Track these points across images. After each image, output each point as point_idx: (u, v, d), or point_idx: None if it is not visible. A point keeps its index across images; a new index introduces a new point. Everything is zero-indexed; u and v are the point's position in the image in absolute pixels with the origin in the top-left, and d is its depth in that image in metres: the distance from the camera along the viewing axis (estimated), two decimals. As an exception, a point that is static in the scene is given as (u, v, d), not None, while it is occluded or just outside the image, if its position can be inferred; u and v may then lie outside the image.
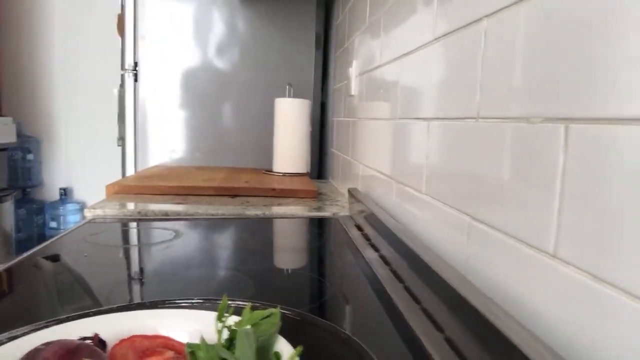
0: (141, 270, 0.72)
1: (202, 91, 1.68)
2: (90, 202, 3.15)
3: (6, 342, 0.34)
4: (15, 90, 2.99)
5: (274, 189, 1.27)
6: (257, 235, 0.98)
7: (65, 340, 0.31)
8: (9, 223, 2.74)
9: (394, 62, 0.87)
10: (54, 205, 3.07)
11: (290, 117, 1.50)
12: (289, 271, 0.79)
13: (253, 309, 0.35)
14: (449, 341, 0.47)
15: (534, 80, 0.42)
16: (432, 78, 0.67)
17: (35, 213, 3.05)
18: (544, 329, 0.39)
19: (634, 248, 0.30)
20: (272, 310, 0.35)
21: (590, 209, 0.35)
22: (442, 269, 0.54)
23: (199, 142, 1.71)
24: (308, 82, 1.71)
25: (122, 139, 1.62)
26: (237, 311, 0.37)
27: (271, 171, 1.56)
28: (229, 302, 0.43)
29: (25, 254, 0.75)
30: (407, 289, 0.63)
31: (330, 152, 1.67)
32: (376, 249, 0.82)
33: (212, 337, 0.34)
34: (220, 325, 0.34)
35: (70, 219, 3.08)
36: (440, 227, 0.63)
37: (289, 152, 1.52)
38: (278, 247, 0.91)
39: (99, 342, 0.34)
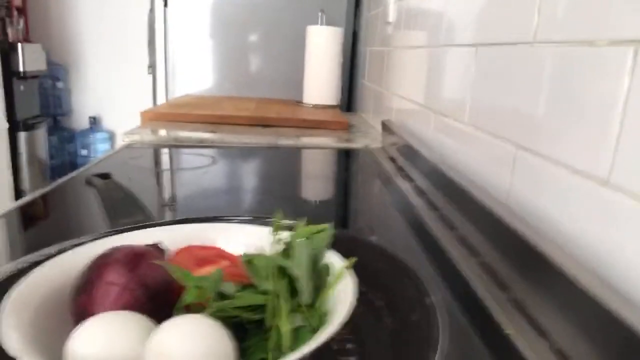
0: (184, 191, 0.75)
1: (231, 18, 1.64)
2: (119, 130, 3.20)
3: (70, 248, 0.37)
4: (43, 16, 2.97)
5: (305, 120, 1.26)
6: (291, 164, 0.99)
7: (132, 245, 0.33)
8: (43, 150, 2.83)
9: (439, -15, 0.83)
10: (84, 133, 3.14)
11: (323, 47, 1.46)
12: (326, 198, 0.80)
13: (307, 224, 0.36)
14: (484, 265, 0.48)
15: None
16: (484, 1, 0.64)
17: (67, 141, 3.13)
18: (588, 255, 0.39)
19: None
20: (324, 225, 0.36)
21: (653, 134, 0.34)
22: (480, 195, 0.54)
23: (228, 72, 1.69)
24: (340, 9, 1.65)
25: (152, 67, 1.62)
26: (285, 229, 0.38)
27: (301, 102, 1.55)
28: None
29: (72, 174, 0.78)
30: (442, 217, 0.64)
31: (361, 83, 1.64)
32: (410, 179, 0.83)
33: (266, 250, 0.36)
34: (275, 238, 0.35)
35: (100, 147, 3.16)
36: (482, 158, 0.63)
37: (320, 83, 1.49)
38: (313, 176, 0.93)
39: (159, 250, 0.36)
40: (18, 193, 2.58)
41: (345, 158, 1.05)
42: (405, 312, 0.32)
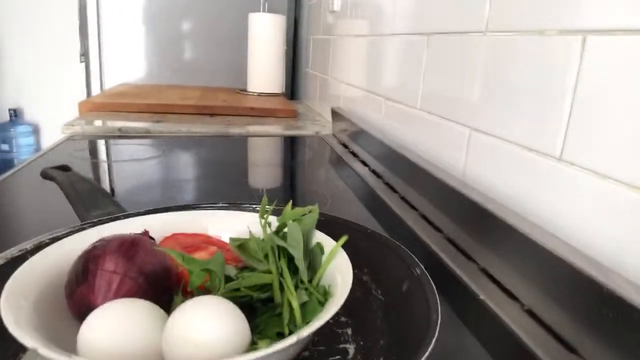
0: (139, 182, 0.73)
1: (170, 3, 1.58)
2: (43, 123, 3.00)
3: (49, 242, 0.35)
4: (-53, -2, 2.69)
5: (252, 108, 1.26)
6: (243, 153, 0.99)
7: (121, 234, 0.33)
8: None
9: (387, -25, 0.86)
10: (4, 127, 2.90)
11: (266, 34, 1.45)
12: (284, 184, 0.81)
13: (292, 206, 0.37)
14: (449, 239, 0.52)
15: (550, -8, 0.44)
16: (433, -8, 0.67)
17: (-16, 135, 2.88)
18: (549, 226, 0.44)
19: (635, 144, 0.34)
20: (312, 207, 0.37)
21: (596, 115, 0.38)
22: (437, 173, 0.57)
23: (167, 60, 1.63)
24: (282, -3, 1.64)
25: (85, 55, 1.53)
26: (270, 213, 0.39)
27: (245, 90, 1.53)
28: (253, 205, 0.46)
29: (16, 168, 0.73)
30: (403, 198, 0.67)
31: (305, 72, 1.65)
32: (365, 164, 0.86)
33: (250, 234, 0.37)
34: (263, 221, 0.36)
35: (23, 141, 2.94)
36: (436, 141, 0.67)
37: (264, 71, 1.49)
38: (267, 164, 0.93)
39: (150, 238, 0.36)
40: None
41: (297, 145, 1.06)
42: (396, 284, 0.34)
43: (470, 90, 0.57)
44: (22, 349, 0.29)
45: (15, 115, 2.89)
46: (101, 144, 0.95)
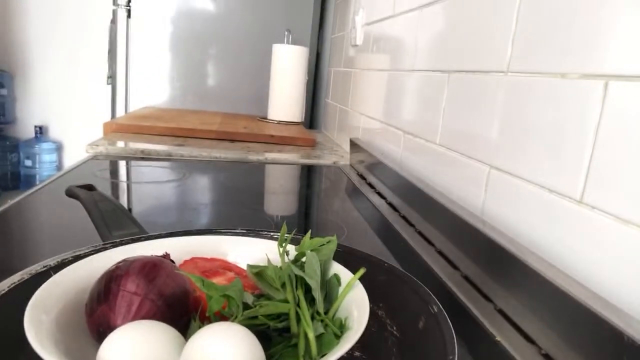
0: (159, 205, 0.74)
1: (196, 33, 1.63)
2: (66, 141, 3.07)
3: (72, 260, 0.36)
4: (-14, 19, 2.82)
5: (272, 136, 1.27)
6: (262, 179, 1.00)
7: (144, 256, 0.33)
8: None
9: (411, 12, 0.88)
10: (29, 143, 2.98)
11: (288, 64, 1.49)
12: (300, 211, 0.82)
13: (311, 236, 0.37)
14: (466, 278, 0.51)
15: (570, 33, 0.45)
16: (456, 30, 0.69)
17: (9, 150, 2.96)
18: (567, 267, 0.43)
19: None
20: (331, 237, 0.37)
21: (619, 159, 0.38)
22: (455, 209, 0.57)
23: (191, 85, 1.68)
24: (305, 30, 1.68)
25: (112, 77, 1.58)
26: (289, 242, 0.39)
27: (265, 118, 1.56)
28: (271, 233, 0.46)
29: (41, 184, 0.75)
30: (419, 233, 0.67)
31: (325, 102, 1.68)
32: (382, 196, 0.86)
33: (267, 262, 0.37)
34: (282, 249, 0.37)
35: (46, 157, 3.01)
36: (455, 176, 0.67)
37: (285, 100, 1.52)
38: (285, 191, 0.94)
39: (171, 261, 0.36)
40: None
41: (315, 174, 1.07)
42: (412, 320, 0.34)
43: (490, 128, 0.58)
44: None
45: (41, 132, 2.98)
46: (123, 165, 0.97)
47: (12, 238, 0.58)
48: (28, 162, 2.99)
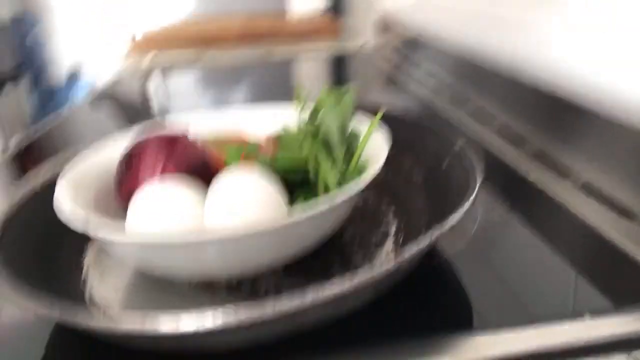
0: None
1: None
2: (98, 81, 3.09)
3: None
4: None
5: (295, 32, 1.23)
6: (287, 76, 0.99)
7: (162, 132, 0.33)
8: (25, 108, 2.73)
9: None
10: (65, 88, 3.03)
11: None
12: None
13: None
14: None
15: None
16: None
17: (48, 99, 3.03)
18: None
19: None
20: (347, 88, 0.35)
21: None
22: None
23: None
24: None
25: None
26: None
27: (285, 11, 1.50)
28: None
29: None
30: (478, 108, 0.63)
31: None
32: (426, 71, 0.80)
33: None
34: (300, 112, 0.35)
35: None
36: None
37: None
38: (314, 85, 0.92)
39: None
40: None
41: (345, 62, 1.04)
42: (437, 162, 0.33)
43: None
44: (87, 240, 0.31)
45: (75, 75, 3.00)
46: (149, 77, 0.99)
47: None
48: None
